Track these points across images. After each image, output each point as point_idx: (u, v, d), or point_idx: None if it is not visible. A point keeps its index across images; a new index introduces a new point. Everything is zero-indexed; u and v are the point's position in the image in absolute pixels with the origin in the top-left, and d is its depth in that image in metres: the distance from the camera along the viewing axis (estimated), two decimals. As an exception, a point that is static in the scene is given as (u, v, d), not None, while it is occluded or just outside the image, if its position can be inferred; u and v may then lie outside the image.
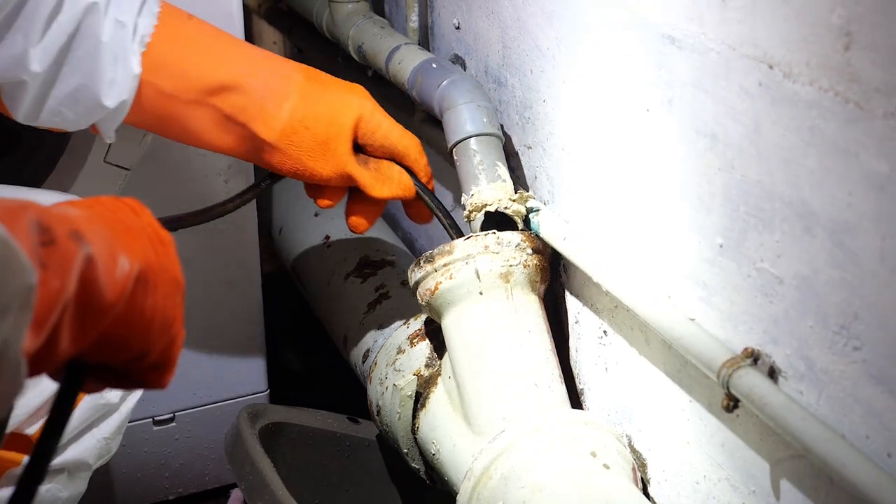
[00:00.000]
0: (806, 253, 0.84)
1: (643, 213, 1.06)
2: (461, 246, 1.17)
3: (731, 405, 0.91)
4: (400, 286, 1.48)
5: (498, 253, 1.16)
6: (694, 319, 0.98)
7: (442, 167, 1.43)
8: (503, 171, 1.23)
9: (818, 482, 0.88)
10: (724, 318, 0.96)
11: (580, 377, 1.26)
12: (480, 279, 1.16)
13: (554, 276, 1.24)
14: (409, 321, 1.34)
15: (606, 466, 1.07)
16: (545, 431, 1.09)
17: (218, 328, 1.62)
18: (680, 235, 1.00)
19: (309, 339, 1.96)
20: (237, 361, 1.67)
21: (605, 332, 1.18)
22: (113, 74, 1.16)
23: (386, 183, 1.25)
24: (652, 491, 1.14)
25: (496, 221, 1.21)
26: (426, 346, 1.28)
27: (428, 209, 1.28)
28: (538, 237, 1.19)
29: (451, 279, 1.16)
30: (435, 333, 1.27)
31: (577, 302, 1.23)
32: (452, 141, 1.25)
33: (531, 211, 1.22)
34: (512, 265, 1.16)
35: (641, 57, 1.01)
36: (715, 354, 0.93)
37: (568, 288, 1.25)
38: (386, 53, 1.43)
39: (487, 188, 1.21)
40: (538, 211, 1.21)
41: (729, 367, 0.90)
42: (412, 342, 1.30)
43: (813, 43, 0.79)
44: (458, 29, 1.40)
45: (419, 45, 1.46)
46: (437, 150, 1.42)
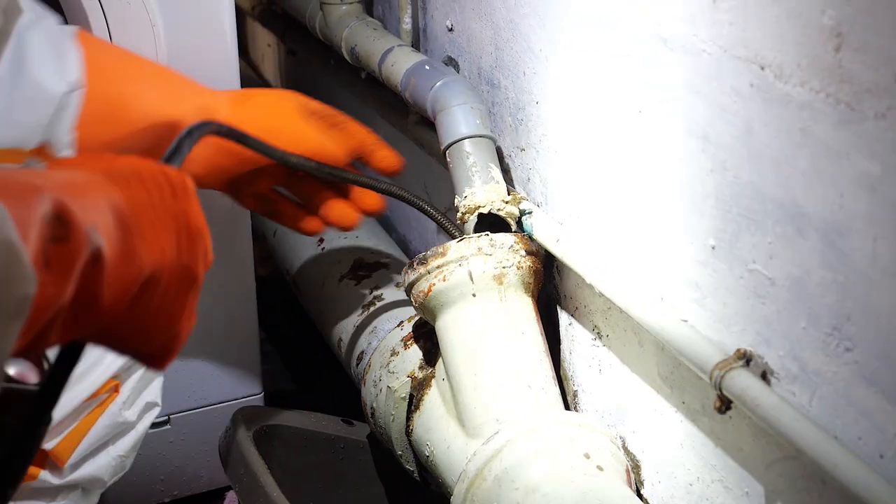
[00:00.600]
0: (798, 254, 0.84)
1: (636, 214, 1.06)
2: (454, 248, 1.17)
3: (723, 407, 0.91)
4: (394, 288, 1.48)
5: (491, 255, 1.16)
6: (687, 321, 0.98)
7: (435, 169, 1.43)
8: (496, 172, 1.23)
9: (811, 483, 0.88)
10: (716, 319, 0.96)
11: (574, 379, 1.26)
12: (474, 281, 1.16)
13: (547, 277, 1.24)
14: (403, 323, 1.34)
15: (600, 468, 1.07)
16: (539, 433, 1.08)
17: (213, 331, 1.62)
18: (673, 237, 1.00)
19: (303, 341, 1.96)
20: (232, 364, 1.67)
21: (598, 333, 1.18)
22: (54, 63, 1.07)
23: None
24: (646, 492, 1.14)
25: (490, 223, 1.21)
26: (420, 348, 1.28)
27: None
28: (531, 239, 1.19)
29: (444, 281, 1.16)
30: (429, 335, 1.27)
31: (570, 304, 1.23)
32: (446, 143, 1.25)
33: (524, 213, 1.22)
34: (505, 267, 1.16)
35: (633, 58, 1.01)
36: (707, 356, 0.93)
37: (561, 290, 1.25)
38: (379, 55, 1.43)
39: (481, 190, 1.21)
40: (531, 213, 1.21)
41: (721, 368, 0.90)
42: (406, 344, 1.30)
43: (804, 44, 0.79)
44: (451, 31, 1.40)
45: (412, 46, 1.46)
46: (429, 151, 1.42)
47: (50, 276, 0.58)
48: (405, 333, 1.31)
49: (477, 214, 1.21)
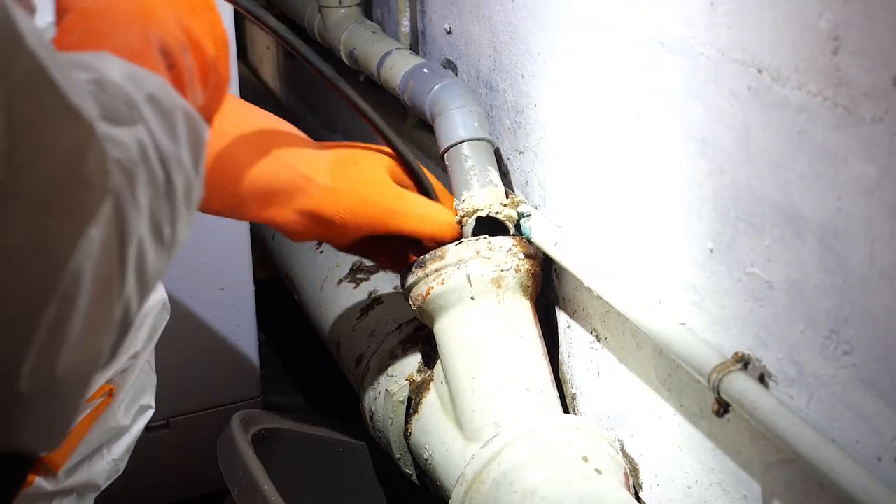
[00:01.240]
0: (796, 257, 0.84)
1: (634, 217, 1.06)
2: (453, 251, 1.17)
3: (721, 410, 0.91)
4: (393, 291, 1.48)
5: (489, 258, 1.16)
6: (685, 324, 0.98)
7: (433, 172, 1.43)
8: (495, 175, 1.23)
9: (808, 487, 0.88)
10: (714, 322, 0.96)
11: (572, 382, 1.26)
12: (472, 284, 1.15)
13: (546, 280, 1.24)
14: (401, 326, 1.34)
15: (598, 471, 1.07)
16: (537, 436, 1.08)
17: (211, 334, 1.62)
18: (671, 240, 1.00)
19: (302, 344, 1.96)
20: (230, 367, 1.67)
21: (596, 336, 1.18)
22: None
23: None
24: (644, 496, 1.14)
25: (488, 226, 1.21)
26: (418, 351, 1.28)
27: None
28: (530, 242, 1.19)
29: (442, 284, 1.16)
30: (427, 339, 1.27)
31: (569, 307, 1.23)
32: (444, 146, 1.25)
33: (523, 216, 1.22)
34: (503, 270, 1.16)
35: (632, 61, 1.01)
36: (705, 359, 0.93)
37: (560, 293, 1.25)
38: (377, 58, 1.43)
39: (479, 193, 1.21)
40: (530, 216, 1.21)
41: (719, 371, 0.90)
42: (404, 348, 1.30)
43: (801, 47, 0.79)
44: (449, 34, 1.40)
45: (411, 49, 1.46)
46: (428, 154, 1.42)
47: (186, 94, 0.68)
48: (403, 337, 1.31)
49: (475, 217, 1.21)
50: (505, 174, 1.29)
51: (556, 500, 1.03)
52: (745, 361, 0.91)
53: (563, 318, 1.25)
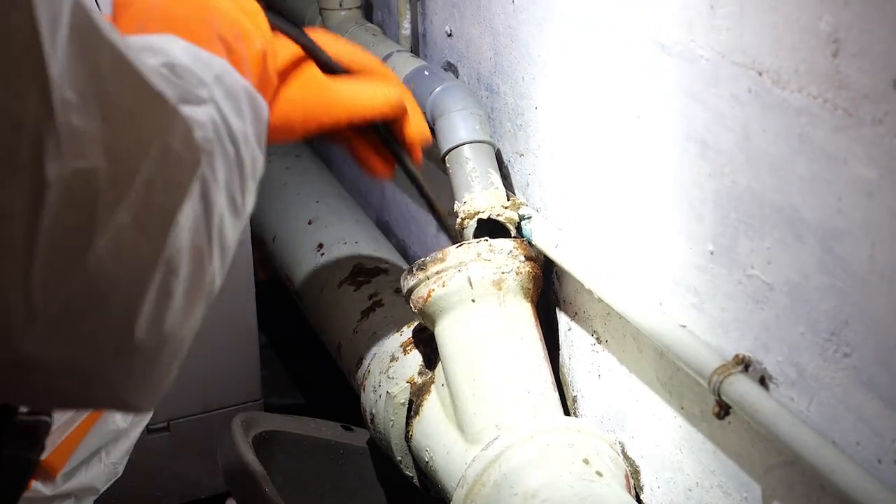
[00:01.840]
0: (796, 259, 0.85)
1: (635, 220, 1.06)
2: (454, 253, 1.17)
3: (722, 412, 0.91)
4: (393, 294, 1.48)
5: (490, 260, 1.16)
6: (685, 326, 0.98)
7: (435, 174, 1.43)
8: (496, 178, 1.23)
9: (809, 489, 0.88)
10: (715, 324, 0.96)
11: (573, 384, 1.26)
12: (473, 286, 1.16)
13: (546, 283, 1.24)
14: (402, 329, 1.34)
15: (599, 473, 1.07)
16: (538, 439, 1.08)
17: (212, 336, 1.62)
18: (671, 242, 1.00)
19: (303, 347, 1.96)
20: (231, 369, 1.67)
21: (597, 338, 1.18)
22: None
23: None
24: (645, 498, 1.14)
25: (489, 229, 1.21)
26: (419, 353, 1.28)
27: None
28: (530, 244, 1.19)
29: (443, 287, 1.16)
30: (428, 341, 1.26)
31: (569, 309, 1.23)
32: (445, 148, 1.25)
33: (523, 218, 1.22)
34: (504, 272, 1.16)
35: (632, 64, 1.01)
36: (706, 361, 0.93)
37: (560, 295, 1.25)
38: (378, 61, 1.43)
39: (480, 195, 1.21)
40: (530, 218, 1.21)
41: (720, 373, 0.90)
42: (405, 350, 1.30)
43: (801, 50, 0.79)
44: (450, 36, 1.40)
45: (411, 52, 1.46)
46: (428, 156, 1.42)
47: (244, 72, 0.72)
48: (404, 339, 1.31)
49: (476, 220, 1.21)
50: (506, 176, 1.29)
51: (556, 502, 1.03)
52: (745, 364, 0.91)
53: (563, 320, 1.25)
